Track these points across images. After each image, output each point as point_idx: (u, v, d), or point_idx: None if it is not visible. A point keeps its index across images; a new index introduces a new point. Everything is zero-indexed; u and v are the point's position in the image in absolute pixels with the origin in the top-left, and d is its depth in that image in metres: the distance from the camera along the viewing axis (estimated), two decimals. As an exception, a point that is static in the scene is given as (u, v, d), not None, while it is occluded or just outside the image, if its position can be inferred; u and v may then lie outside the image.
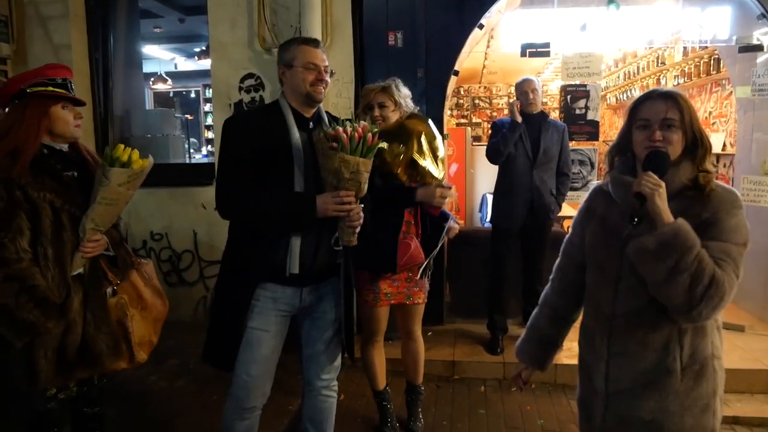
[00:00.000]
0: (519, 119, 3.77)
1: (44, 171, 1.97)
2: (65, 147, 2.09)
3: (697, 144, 1.51)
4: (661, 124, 1.48)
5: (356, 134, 1.87)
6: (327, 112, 2.21)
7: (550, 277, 1.84)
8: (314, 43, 2.10)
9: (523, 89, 3.84)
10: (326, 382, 2.25)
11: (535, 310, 1.86)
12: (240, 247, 2.07)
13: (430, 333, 4.13)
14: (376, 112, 2.67)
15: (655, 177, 1.41)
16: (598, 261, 1.62)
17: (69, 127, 2.04)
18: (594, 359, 1.61)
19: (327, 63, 2.09)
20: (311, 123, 2.09)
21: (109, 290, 2.08)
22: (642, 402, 1.50)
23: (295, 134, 2.02)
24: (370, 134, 1.91)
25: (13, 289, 1.86)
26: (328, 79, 2.08)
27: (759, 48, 3.96)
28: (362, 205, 2.00)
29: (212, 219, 4.32)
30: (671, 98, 1.49)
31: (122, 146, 2.05)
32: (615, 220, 1.57)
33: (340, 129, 1.87)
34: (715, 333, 1.54)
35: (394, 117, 2.71)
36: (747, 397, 3.37)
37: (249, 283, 2.03)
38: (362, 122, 1.95)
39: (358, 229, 2.00)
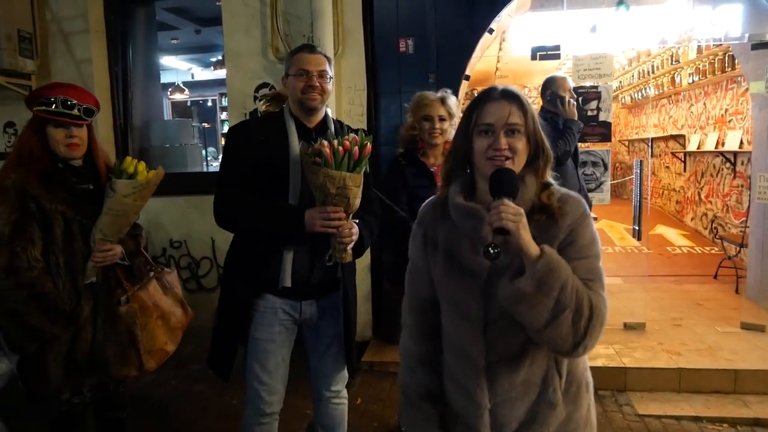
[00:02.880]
0: (576, 117, 3.58)
1: (57, 183, 2.06)
2: (78, 162, 2.16)
3: (539, 153, 1.30)
4: (505, 130, 1.26)
5: (341, 149, 1.81)
6: (337, 121, 2.17)
7: (404, 323, 1.52)
8: (308, 48, 2.04)
9: (567, 87, 3.61)
10: (334, 393, 2.25)
11: (403, 373, 1.51)
12: (237, 258, 2.07)
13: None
14: (436, 125, 2.58)
15: (513, 205, 1.18)
16: (457, 306, 1.37)
17: (59, 146, 2.09)
18: (474, 409, 1.36)
19: (323, 68, 2.00)
20: (315, 133, 2.02)
21: (123, 298, 2.15)
22: None
23: (294, 144, 1.98)
24: (356, 148, 1.82)
25: (23, 296, 1.95)
26: (322, 84, 1.99)
27: (772, 45, 3.92)
28: (356, 221, 1.95)
29: (230, 226, 4.40)
30: (514, 98, 1.28)
31: (130, 158, 2.14)
32: (466, 256, 1.33)
33: (325, 143, 1.81)
34: None
35: (450, 132, 2.60)
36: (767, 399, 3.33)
37: (245, 295, 2.03)
38: (352, 135, 1.88)
39: (350, 246, 1.93)
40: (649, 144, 9.73)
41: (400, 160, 2.61)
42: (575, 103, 3.62)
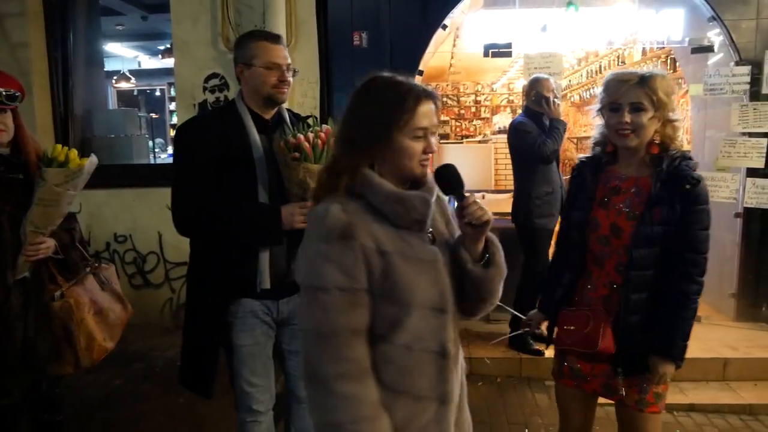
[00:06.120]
0: (561, 116, 3.65)
1: None
2: (5, 150, 2.03)
3: None
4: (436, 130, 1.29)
5: (319, 141, 1.76)
6: (288, 110, 2.08)
7: (340, 365, 1.19)
8: (275, 38, 1.93)
9: (551, 87, 3.70)
10: None
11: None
12: (205, 264, 1.94)
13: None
14: (626, 118, 1.72)
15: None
16: (430, 301, 1.31)
17: None
18: (443, 410, 1.30)
19: (289, 60, 1.93)
20: (272, 125, 1.95)
21: (57, 294, 2.05)
22: None
23: (256, 139, 1.88)
24: (333, 138, 1.74)
25: None
26: (290, 78, 1.92)
27: (710, 49, 4.10)
28: None
29: (177, 220, 4.28)
30: (434, 97, 1.35)
31: (59, 146, 2.04)
32: (417, 246, 1.32)
33: (301, 137, 1.75)
34: None
35: (651, 128, 1.74)
36: (702, 385, 3.49)
37: (219, 303, 1.91)
38: (325, 126, 1.83)
39: None
40: (596, 142, 10.02)
41: (581, 165, 2.00)
42: (560, 103, 3.71)
